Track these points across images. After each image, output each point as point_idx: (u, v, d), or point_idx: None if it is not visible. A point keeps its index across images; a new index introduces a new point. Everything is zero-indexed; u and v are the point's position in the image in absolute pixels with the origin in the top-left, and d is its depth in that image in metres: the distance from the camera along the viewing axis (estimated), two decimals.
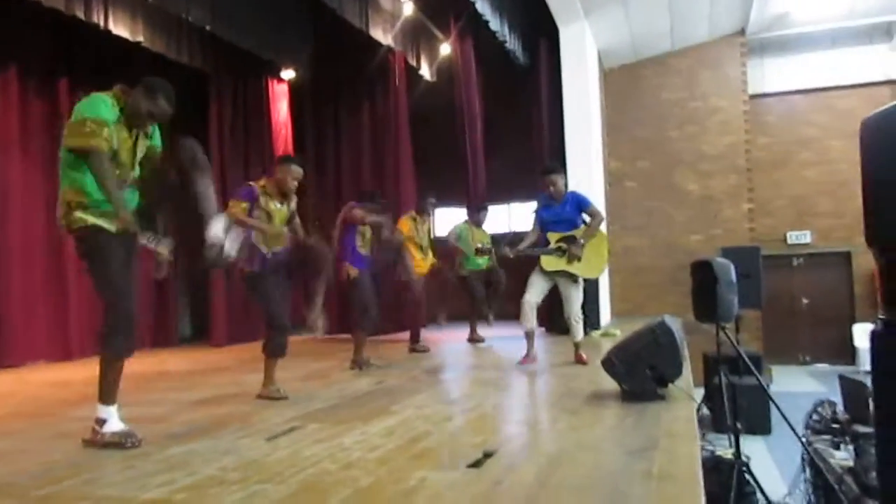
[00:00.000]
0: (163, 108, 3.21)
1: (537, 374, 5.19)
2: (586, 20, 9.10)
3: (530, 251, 5.32)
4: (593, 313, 8.20)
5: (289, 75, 10.00)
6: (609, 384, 3.92)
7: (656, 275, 11.42)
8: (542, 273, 5.32)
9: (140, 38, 7.53)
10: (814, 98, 12.76)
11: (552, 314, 7.64)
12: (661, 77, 11.91)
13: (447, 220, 8.00)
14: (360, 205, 6.18)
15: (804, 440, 4.99)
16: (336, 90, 10.17)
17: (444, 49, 9.87)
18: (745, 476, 4.89)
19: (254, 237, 4.38)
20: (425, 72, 9.94)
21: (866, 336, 2.23)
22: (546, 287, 5.38)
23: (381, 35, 8.61)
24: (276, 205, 4.47)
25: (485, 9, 7.60)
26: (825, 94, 12.62)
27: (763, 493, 4.97)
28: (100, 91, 3.15)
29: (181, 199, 3.29)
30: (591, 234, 5.34)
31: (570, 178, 8.49)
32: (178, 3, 7.33)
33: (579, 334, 5.46)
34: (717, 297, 4.64)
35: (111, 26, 7.12)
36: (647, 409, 3.47)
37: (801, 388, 10.01)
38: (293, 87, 10.23)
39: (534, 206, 5.94)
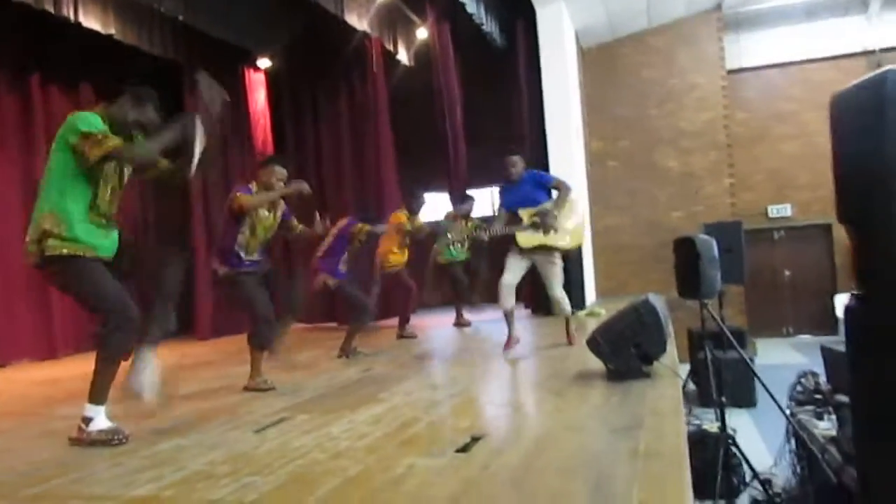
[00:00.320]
0: (150, 117, 3.20)
1: (523, 357, 5.21)
2: (563, 0, 9.06)
3: (506, 230, 5.19)
4: (578, 293, 8.24)
5: (265, 64, 9.93)
6: (595, 364, 3.94)
7: (640, 253, 11.47)
8: (518, 253, 5.21)
9: (112, 31, 7.42)
10: (790, 72, 12.81)
11: (537, 296, 7.67)
12: (639, 55, 11.90)
13: (431, 206, 7.92)
14: (354, 223, 6.22)
15: (788, 412, 5.07)
16: (314, 78, 10.09)
17: (422, 33, 9.81)
18: (731, 449, 4.96)
19: (238, 241, 4.36)
20: (403, 57, 9.88)
21: None
22: (523, 266, 5.26)
23: (357, 21, 8.52)
24: (265, 212, 4.46)
25: None
26: (801, 67, 12.67)
27: (749, 464, 5.05)
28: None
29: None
30: (562, 204, 5.17)
31: (552, 159, 8.51)
32: None
33: (568, 308, 5.37)
34: (700, 273, 4.68)
35: (81, 19, 7.01)
36: (633, 388, 3.49)
37: (786, 360, 10.13)
38: (270, 76, 10.15)
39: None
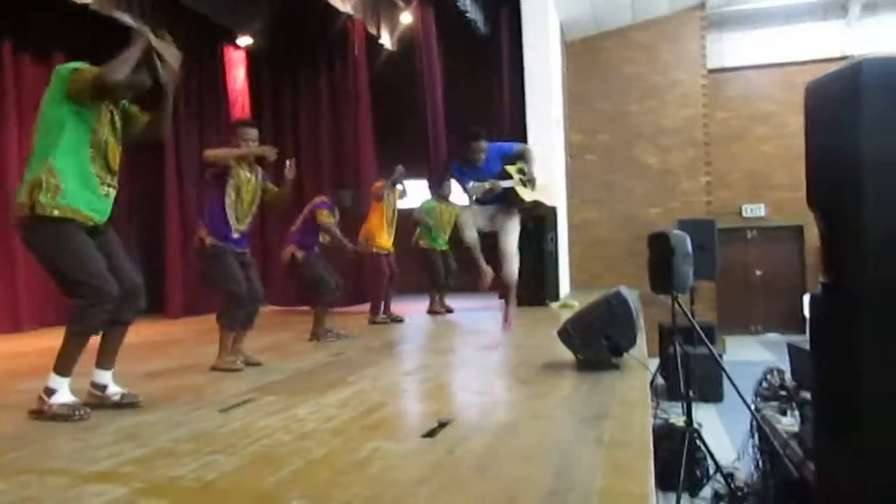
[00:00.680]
0: (142, 79, 3.11)
1: (495, 345, 5.22)
2: None
3: (498, 187, 4.83)
4: (552, 285, 8.28)
5: (245, 42, 9.78)
6: (565, 354, 3.96)
7: (615, 247, 11.55)
8: (492, 211, 5.05)
9: (88, 0, 7.25)
10: (771, 73, 12.94)
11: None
12: (622, 50, 11.94)
13: (411, 192, 7.91)
14: (329, 207, 6.02)
15: (753, 407, 5.14)
16: (294, 58, 9.99)
17: (405, 18, 9.73)
18: (697, 442, 5.03)
19: (226, 203, 4.30)
20: (386, 41, 9.79)
21: None
22: (479, 224, 5.03)
23: (340, 2, 8.44)
24: (246, 174, 4.40)
25: None
26: (782, 69, 12.80)
27: (713, 458, 5.12)
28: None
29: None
30: (533, 162, 5.07)
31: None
32: None
33: (514, 274, 5.13)
34: (673, 268, 4.73)
35: None
36: (602, 379, 3.51)
37: (753, 356, 10.27)
38: (250, 55, 10.01)
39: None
